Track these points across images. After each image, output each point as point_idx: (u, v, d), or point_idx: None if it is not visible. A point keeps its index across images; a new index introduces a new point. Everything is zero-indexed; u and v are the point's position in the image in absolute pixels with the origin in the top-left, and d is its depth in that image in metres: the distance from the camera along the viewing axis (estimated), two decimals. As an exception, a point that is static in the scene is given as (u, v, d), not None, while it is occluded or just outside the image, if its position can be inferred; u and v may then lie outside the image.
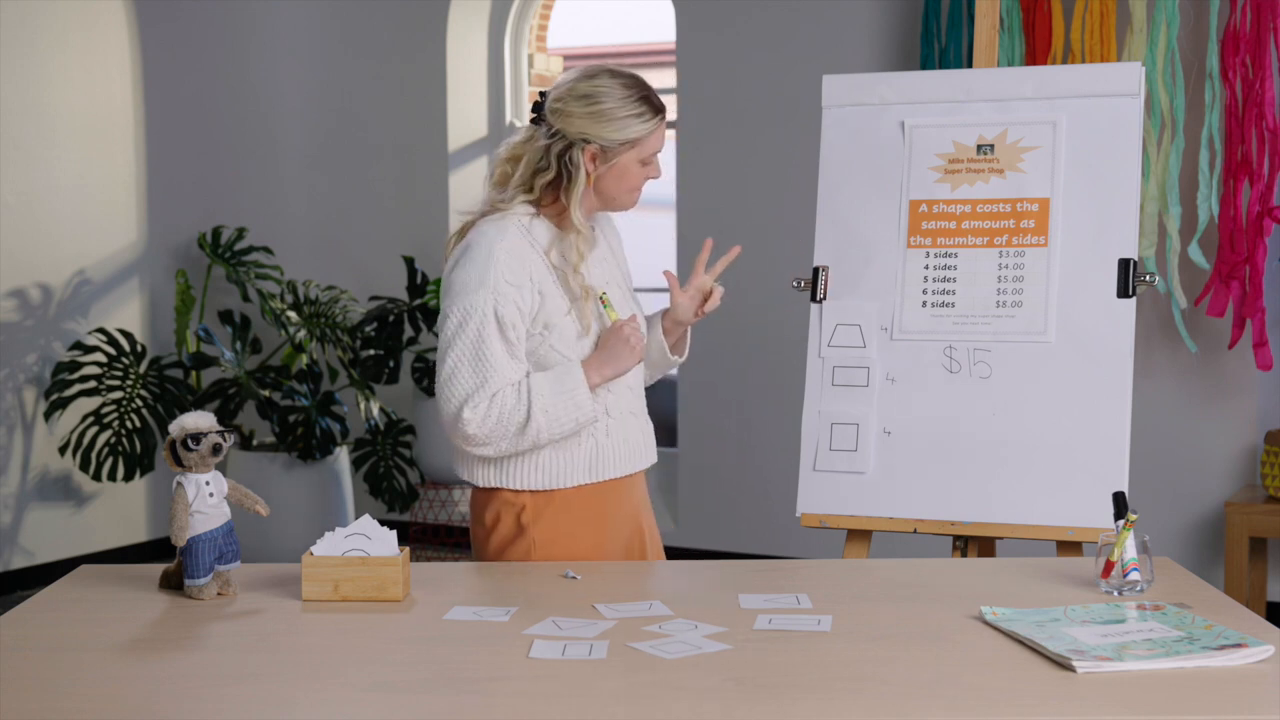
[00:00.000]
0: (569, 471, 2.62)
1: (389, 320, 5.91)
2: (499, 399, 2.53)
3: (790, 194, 5.39)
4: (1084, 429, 3.01)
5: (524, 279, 2.56)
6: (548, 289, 2.58)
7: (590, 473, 2.64)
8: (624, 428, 2.67)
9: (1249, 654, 1.97)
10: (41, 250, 5.63)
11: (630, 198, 2.65)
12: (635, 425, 2.70)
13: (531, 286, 2.56)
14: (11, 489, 5.55)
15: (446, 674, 1.97)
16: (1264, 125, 4.46)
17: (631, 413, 2.70)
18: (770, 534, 5.61)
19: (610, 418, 2.65)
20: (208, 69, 6.28)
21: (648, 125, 2.57)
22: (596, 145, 2.56)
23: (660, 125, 2.60)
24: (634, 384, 2.71)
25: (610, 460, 2.66)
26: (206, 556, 2.33)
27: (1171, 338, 4.91)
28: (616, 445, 2.66)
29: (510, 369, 2.54)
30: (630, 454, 2.69)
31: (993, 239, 3.14)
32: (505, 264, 2.55)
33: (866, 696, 1.86)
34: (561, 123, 2.56)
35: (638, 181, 2.63)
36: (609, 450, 2.65)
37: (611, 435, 2.65)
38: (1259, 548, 4.70)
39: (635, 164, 2.59)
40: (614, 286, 2.70)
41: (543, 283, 2.57)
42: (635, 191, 2.64)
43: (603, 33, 7.36)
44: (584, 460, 2.63)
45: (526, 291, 2.56)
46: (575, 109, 2.56)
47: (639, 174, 2.61)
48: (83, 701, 1.88)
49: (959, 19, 5.02)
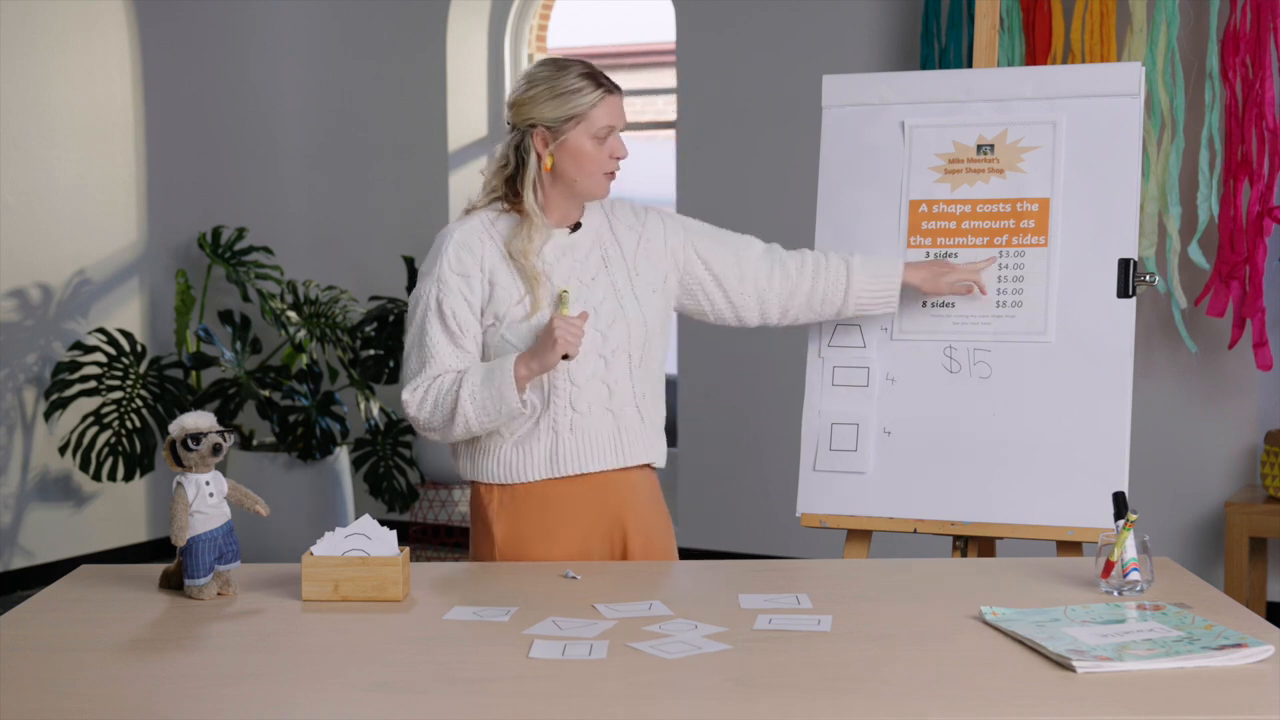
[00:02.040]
0: (528, 465, 2.66)
1: (389, 320, 5.91)
2: (436, 384, 2.62)
3: (790, 194, 5.39)
4: (1084, 429, 3.01)
5: (473, 270, 2.64)
6: (500, 280, 2.63)
7: (550, 467, 2.66)
8: (589, 423, 2.66)
9: (1249, 654, 1.97)
10: (41, 250, 5.63)
11: (594, 182, 2.66)
12: (607, 421, 2.68)
13: (482, 277, 2.64)
14: (11, 489, 5.55)
15: (446, 674, 1.97)
16: (1264, 125, 4.46)
17: (608, 409, 2.67)
18: (770, 534, 5.61)
19: (575, 411, 2.65)
20: (208, 69, 6.28)
21: (590, 98, 2.61)
22: (542, 126, 2.62)
23: (607, 100, 2.63)
24: (613, 380, 2.68)
25: (571, 456, 2.66)
26: (206, 556, 2.33)
27: (1171, 338, 4.91)
28: (580, 441, 2.66)
29: (451, 357, 2.62)
30: (596, 451, 2.67)
31: (993, 239, 3.14)
32: (454, 256, 2.64)
33: (866, 696, 1.86)
34: (512, 115, 2.67)
35: (597, 161, 2.64)
36: (570, 445, 2.65)
37: (575, 430, 2.65)
38: (1259, 548, 4.70)
39: (587, 141, 2.62)
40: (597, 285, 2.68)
41: (495, 273, 2.64)
42: (600, 174, 2.65)
43: (603, 33, 7.36)
44: (544, 454, 2.65)
45: (476, 283, 2.63)
46: (521, 97, 2.65)
47: (595, 153, 2.63)
48: (83, 701, 1.88)
49: (959, 19, 5.02)
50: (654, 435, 2.77)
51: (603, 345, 2.66)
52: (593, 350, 2.64)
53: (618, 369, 2.68)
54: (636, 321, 2.69)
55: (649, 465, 2.77)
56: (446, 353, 2.62)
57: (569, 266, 2.67)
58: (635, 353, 2.70)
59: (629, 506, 2.72)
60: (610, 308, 2.67)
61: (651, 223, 2.79)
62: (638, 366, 2.71)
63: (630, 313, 2.69)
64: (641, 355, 2.71)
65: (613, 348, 2.67)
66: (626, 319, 2.68)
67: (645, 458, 2.74)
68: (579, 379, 2.64)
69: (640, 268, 2.74)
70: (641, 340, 2.70)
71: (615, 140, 2.65)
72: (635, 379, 2.71)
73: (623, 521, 2.71)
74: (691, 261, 2.80)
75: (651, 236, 2.78)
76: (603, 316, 2.66)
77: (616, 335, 2.67)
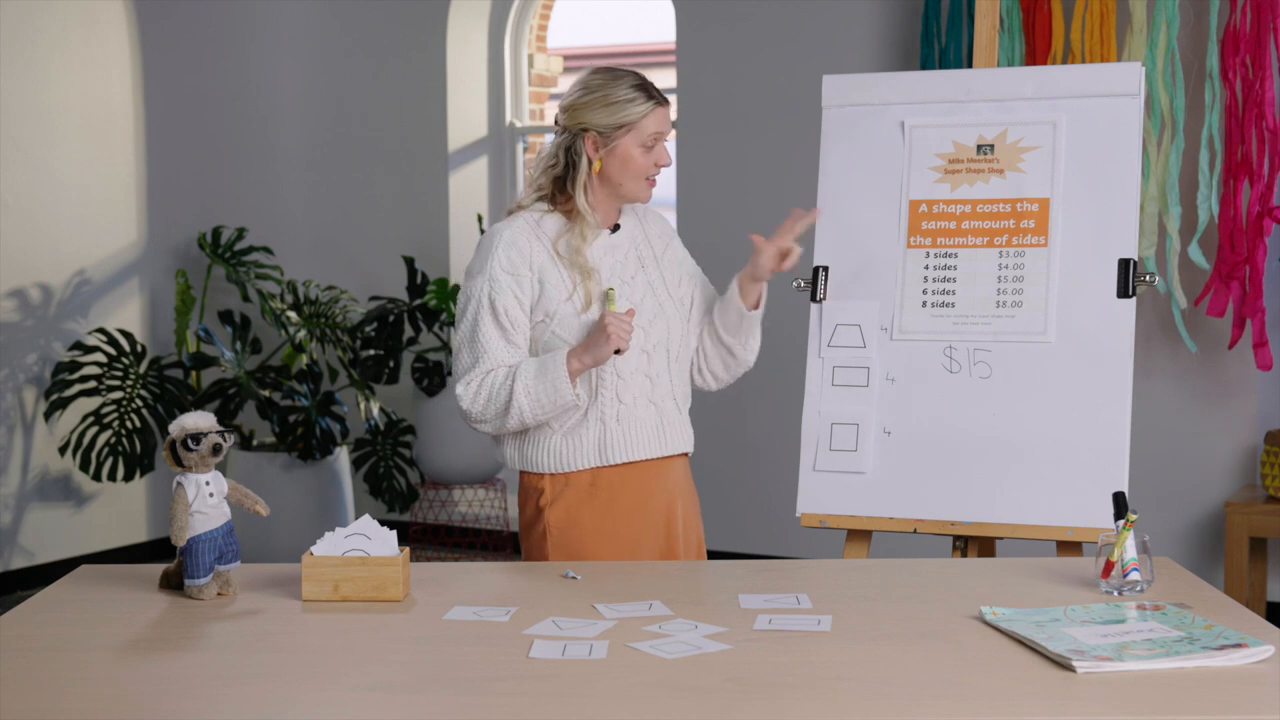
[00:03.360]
0: (577, 455, 2.75)
1: (389, 320, 5.91)
2: (490, 379, 2.70)
3: (790, 194, 5.37)
4: (1084, 429, 3.01)
5: (523, 268, 2.72)
6: (550, 278, 2.72)
7: (599, 456, 2.75)
8: (635, 414, 2.77)
9: (1249, 654, 1.97)
10: (41, 250, 5.63)
11: (638, 186, 2.77)
12: (651, 413, 2.78)
13: (532, 276, 2.72)
14: (11, 489, 5.55)
15: (446, 674, 1.97)
16: (1264, 125, 4.46)
17: (651, 401, 2.79)
18: (770, 534, 5.61)
19: (621, 403, 2.75)
20: (208, 69, 6.28)
21: (641, 109, 2.72)
22: (594, 132, 2.72)
23: (656, 111, 2.74)
24: (654, 374, 2.79)
25: (618, 445, 2.76)
26: (206, 556, 2.33)
27: (1171, 338, 4.91)
28: (626, 430, 2.76)
29: (504, 352, 2.71)
30: (641, 440, 2.77)
31: (993, 239, 3.14)
32: (504, 255, 2.72)
33: (866, 696, 1.86)
34: (565, 119, 2.76)
35: (643, 168, 2.75)
36: (617, 435, 2.75)
37: (622, 421, 2.76)
38: (1259, 548, 4.70)
39: (635, 149, 2.73)
40: (636, 284, 2.79)
41: (544, 271, 2.73)
42: (643, 179, 2.76)
43: (603, 33, 7.37)
44: (592, 444, 2.75)
45: (526, 281, 2.72)
46: (575, 102, 2.74)
47: (642, 160, 2.74)
48: (83, 701, 1.88)
49: (959, 19, 5.02)
50: (688, 426, 2.89)
51: (645, 341, 2.77)
52: (636, 345, 2.75)
53: (659, 363, 2.80)
54: (675, 319, 2.83)
55: (686, 454, 2.90)
56: (499, 348, 2.70)
57: (611, 266, 2.78)
58: (674, 348, 2.83)
59: (679, 494, 2.85)
60: (650, 305, 2.80)
61: (676, 244, 2.94)
62: (675, 361, 2.84)
63: (669, 311, 2.82)
64: (679, 351, 2.84)
65: (654, 343, 2.79)
66: (666, 316, 2.81)
67: (684, 446, 2.87)
68: (625, 372, 2.75)
69: (667, 273, 2.87)
70: (680, 336, 2.84)
71: (661, 149, 2.76)
72: (673, 373, 2.83)
73: (669, 505, 2.83)
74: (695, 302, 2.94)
75: (677, 252, 2.93)
76: (644, 313, 2.78)
77: (657, 331, 2.79)
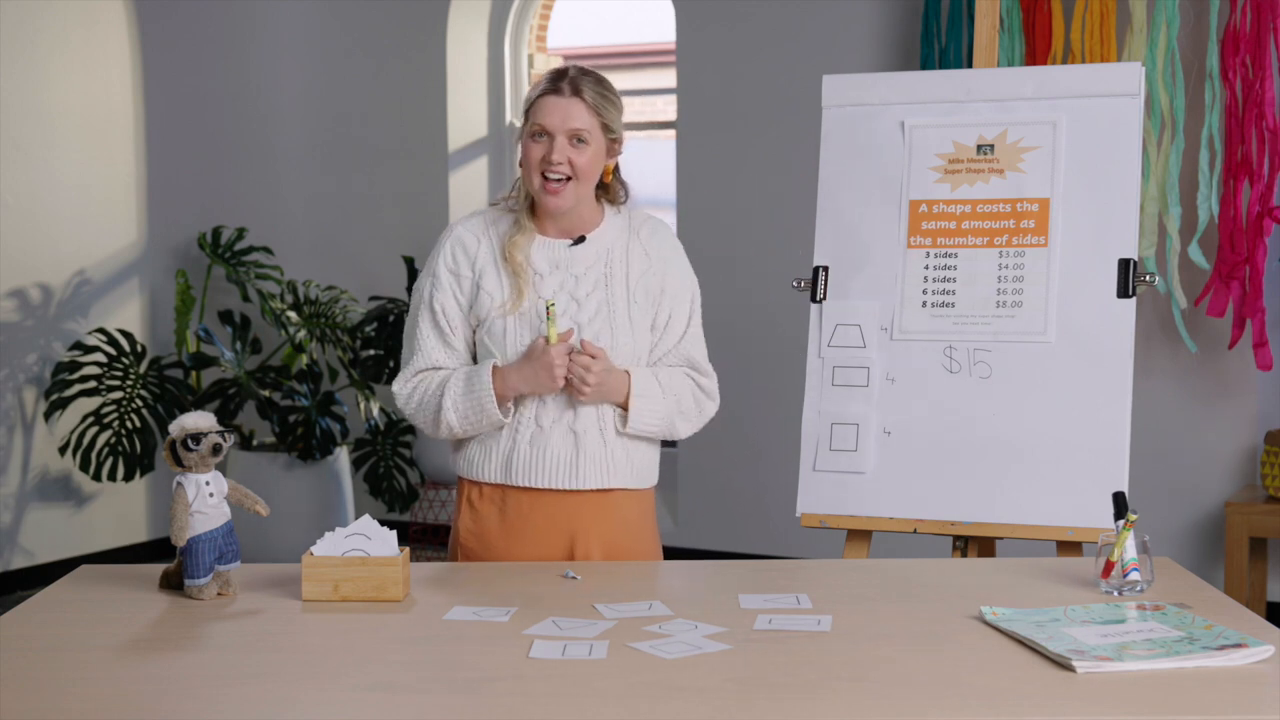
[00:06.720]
0: (485, 466, 2.66)
1: (389, 320, 5.91)
2: (423, 381, 2.65)
3: (790, 194, 5.39)
4: (1084, 429, 3.01)
5: (465, 269, 2.64)
6: (487, 283, 2.62)
7: (504, 473, 2.63)
8: (549, 440, 2.60)
9: (1249, 654, 1.97)
10: (41, 250, 5.63)
11: (533, 182, 2.58)
12: (568, 442, 2.59)
13: (472, 277, 2.63)
14: (11, 489, 5.55)
15: (446, 674, 1.97)
16: (1264, 125, 4.46)
17: (571, 429, 2.59)
18: (770, 534, 5.61)
19: (538, 426, 2.60)
20: (208, 69, 6.28)
21: (533, 94, 2.59)
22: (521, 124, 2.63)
23: (546, 99, 2.56)
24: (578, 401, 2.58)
25: (525, 468, 2.61)
26: (206, 556, 2.33)
27: (1171, 338, 4.91)
28: (539, 455, 2.60)
29: (438, 352, 2.64)
30: (547, 468, 2.60)
31: (993, 239, 3.14)
32: (450, 253, 2.66)
33: (866, 696, 1.86)
34: None
35: (533, 162, 2.56)
36: (528, 458, 2.61)
37: (534, 445, 2.61)
38: (1259, 548, 4.70)
39: (527, 139, 2.58)
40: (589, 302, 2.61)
41: (483, 274, 2.62)
42: (536, 175, 2.56)
43: (603, 33, 7.36)
44: (499, 459, 2.64)
45: (467, 282, 2.64)
46: None
47: (532, 150, 2.57)
48: (83, 701, 1.88)
49: (959, 19, 5.02)
50: (621, 460, 2.64)
51: None
52: None
53: None
54: (625, 348, 2.61)
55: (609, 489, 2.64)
56: (433, 348, 2.65)
57: (561, 280, 2.61)
58: None
59: (585, 531, 2.64)
60: (598, 326, 2.60)
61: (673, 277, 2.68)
62: None
63: (621, 339, 2.61)
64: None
65: None
66: (614, 344, 2.59)
67: (600, 483, 2.62)
68: (548, 395, 2.59)
69: (638, 297, 2.65)
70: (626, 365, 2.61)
71: (557, 147, 2.54)
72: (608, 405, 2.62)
73: (570, 544, 2.64)
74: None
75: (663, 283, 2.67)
76: (586, 334, 2.58)
77: None
